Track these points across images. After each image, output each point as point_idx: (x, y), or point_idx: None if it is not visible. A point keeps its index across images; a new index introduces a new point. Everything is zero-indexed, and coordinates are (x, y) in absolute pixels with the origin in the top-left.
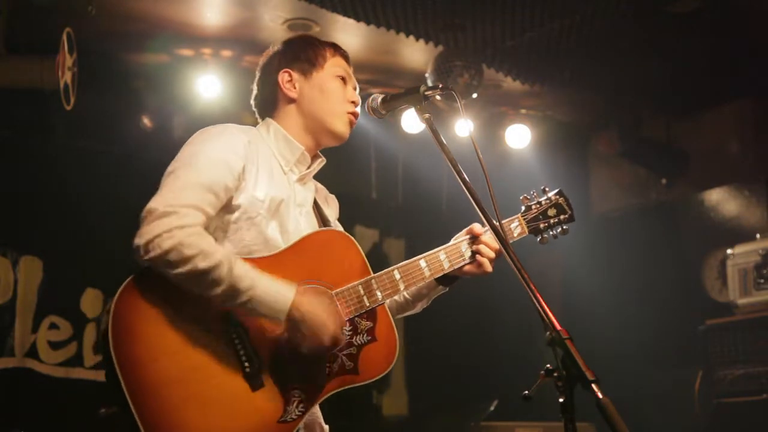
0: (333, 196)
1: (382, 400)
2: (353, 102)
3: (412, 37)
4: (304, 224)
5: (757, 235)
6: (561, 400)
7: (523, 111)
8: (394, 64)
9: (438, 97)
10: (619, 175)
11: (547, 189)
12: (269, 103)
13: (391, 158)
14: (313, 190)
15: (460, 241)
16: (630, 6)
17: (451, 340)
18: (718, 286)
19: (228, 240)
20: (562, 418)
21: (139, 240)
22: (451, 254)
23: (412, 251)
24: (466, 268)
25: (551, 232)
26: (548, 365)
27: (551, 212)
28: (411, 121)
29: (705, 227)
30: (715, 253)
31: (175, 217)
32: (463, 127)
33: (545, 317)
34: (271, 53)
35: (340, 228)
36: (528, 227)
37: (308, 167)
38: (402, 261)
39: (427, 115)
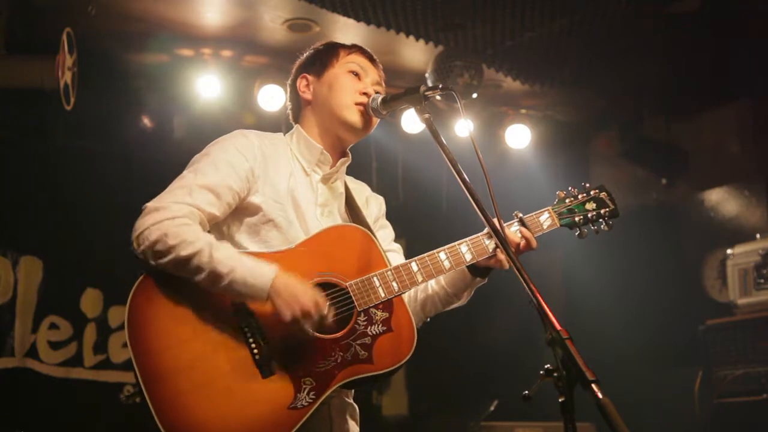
0: (377, 197)
1: (382, 400)
2: (364, 93)
3: (412, 37)
4: (326, 224)
5: (757, 235)
6: (561, 400)
7: (523, 111)
8: (394, 64)
9: (438, 97)
10: (619, 175)
11: (587, 185)
12: (295, 111)
13: (391, 158)
14: (340, 190)
15: (483, 233)
16: (630, 6)
17: (451, 340)
18: (718, 286)
19: (255, 243)
20: (562, 418)
21: (132, 234)
22: (474, 246)
23: (412, 251)
24: (493, 260)
25: (592, 227)
26: (548, 365)
27: (589, 206)
28: (411, 121)
29: (705, 227)
30: (715, 253)
31: (165, 212)
32: (463, 127)
33: (545, 317)
34: (295, 64)
35: (390, 230)
36: (560, 220)
37: (331, 167)
38: (402, 260)
39: (427, 115)
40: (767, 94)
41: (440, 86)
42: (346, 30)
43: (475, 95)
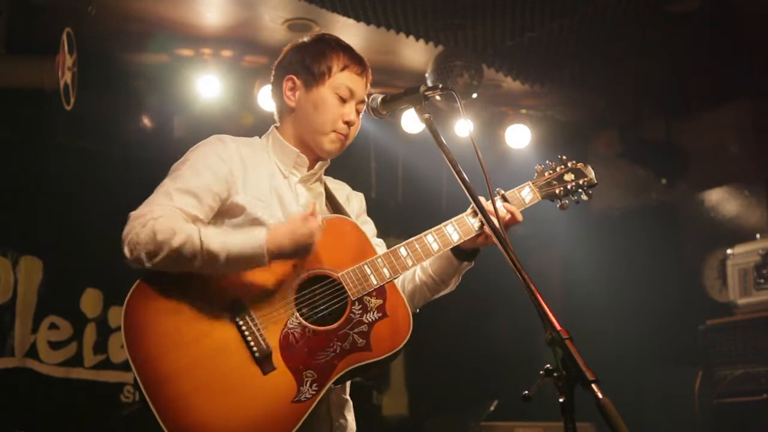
0: (357, 194)
1: (382, 400)
2: (347, 122)
3: (412, 37)
4: None
5: (757, 235)
6: (561, 400)
7: (523, 111)
8: (394, 64)
9: (438, 97)
10: (619, 175)
11: (564, 156)
12: (277, 106)
13: (391, 158)
14: (320, 191)
15: (467, 213)
16: (630, 6)
17: (451, 340)
18: (718, 286)
19: None
20: (562, 418)
21: (122, 243)
22: (460, 226)
23: None
24: (479, 239)
25: (573, 198)
26: (548, 365)
27: (568, 177)
28: (411, 121)
29: (705, 227)
30: (715, 253)
31: (148, 214)
32: (463, 127)
33: (545, 317)
34: (287, 50)
35: (371, 226)
36: (541, 193)
37: (309, 169)
38: None
39: (427, 115)
40: (767, 94)
41: (440, 86)
42: (346, 30)
43: (475, 95)
